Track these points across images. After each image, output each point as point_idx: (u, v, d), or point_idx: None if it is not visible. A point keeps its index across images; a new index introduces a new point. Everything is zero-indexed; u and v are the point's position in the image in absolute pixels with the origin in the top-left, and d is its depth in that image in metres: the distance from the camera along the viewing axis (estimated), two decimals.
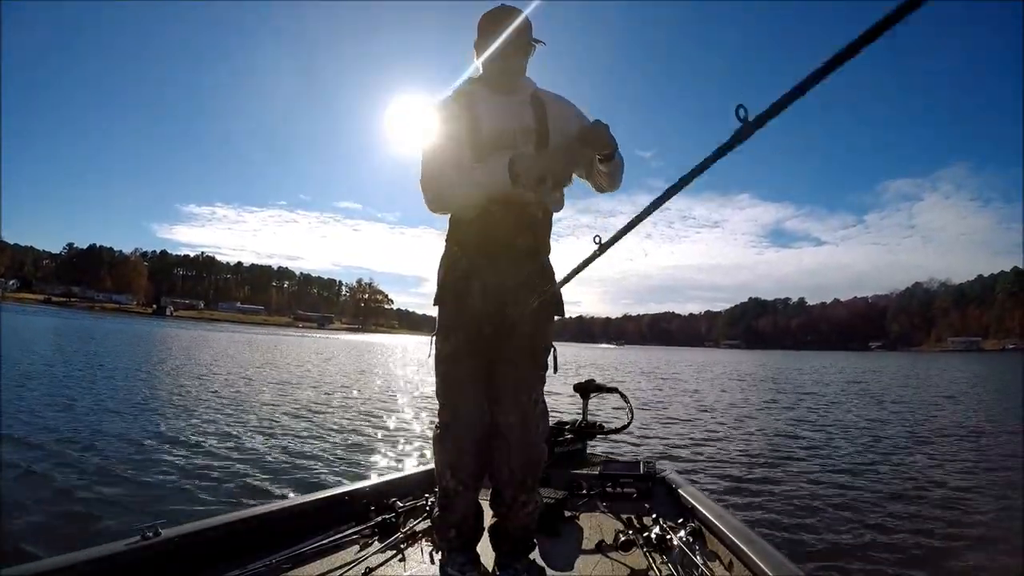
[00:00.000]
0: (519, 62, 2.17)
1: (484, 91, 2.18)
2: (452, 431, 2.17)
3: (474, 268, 2.16)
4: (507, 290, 2.15)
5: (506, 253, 2.15)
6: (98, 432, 7.59)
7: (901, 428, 11.56)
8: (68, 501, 4.88)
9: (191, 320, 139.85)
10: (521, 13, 2.11)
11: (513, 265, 2.17)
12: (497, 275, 2.15)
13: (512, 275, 2.16)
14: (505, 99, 2.17)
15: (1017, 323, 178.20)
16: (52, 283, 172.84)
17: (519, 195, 2.07)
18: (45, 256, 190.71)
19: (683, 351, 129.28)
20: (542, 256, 2.27)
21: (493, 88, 2.19)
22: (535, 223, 2.20)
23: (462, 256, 2.18)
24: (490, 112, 2.15)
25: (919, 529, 5.12)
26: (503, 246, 2.12)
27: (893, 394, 20.35)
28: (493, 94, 2.18)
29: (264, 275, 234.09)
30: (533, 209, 2.17)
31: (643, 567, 2.24)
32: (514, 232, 2.12)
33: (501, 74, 2.16)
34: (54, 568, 1.79)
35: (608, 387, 3.99)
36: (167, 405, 10.08)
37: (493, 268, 2.15)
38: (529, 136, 2.15)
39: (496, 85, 2.18)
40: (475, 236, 2.15)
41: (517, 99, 2.19)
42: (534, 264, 2.23)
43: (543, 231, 2.25)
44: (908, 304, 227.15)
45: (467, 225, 2.16)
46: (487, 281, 2.15)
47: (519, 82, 2.20)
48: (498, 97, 2.18)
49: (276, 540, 2.29)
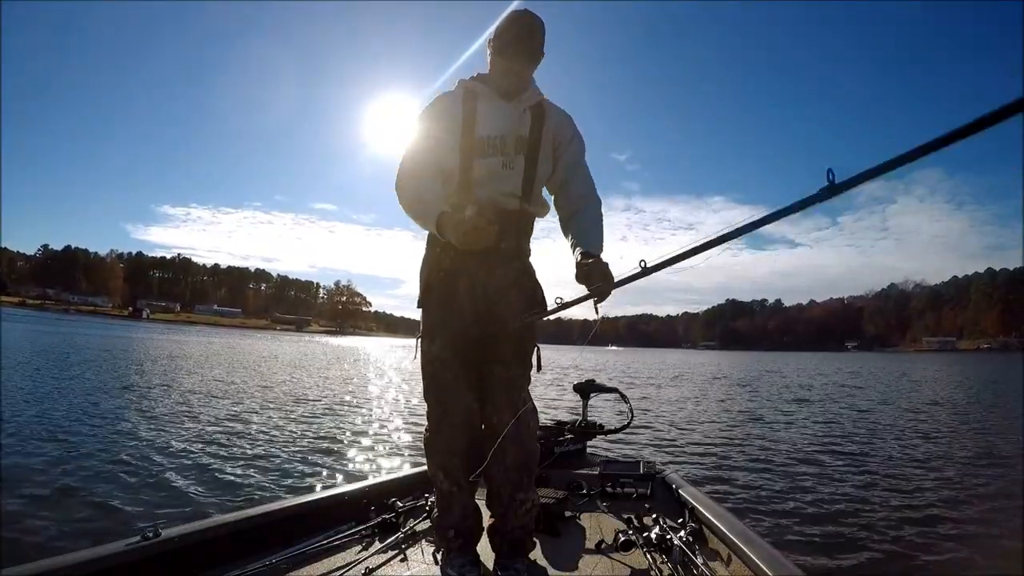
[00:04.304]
0: (528, 70, 2.18)
1: (488, 91, 2.18)
2: (442, 433, 2.17)
3: (460, 267, 2.16)
4: (495, 289, 2.17)
5: (491, 254, 2.15)
6: (98, 434, 7.54)
7: (896, 427, 11.70)
8: (68, 501, 4.86)
9: (167, 323, 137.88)
10: (540, 23, 2.13)
11: (500, 265, 2.19)
12: (485, 274, 2.17)
13: (500, 275, 2.18)
14: (506, 104, 2.17)
15: (992, 324, 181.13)
16: (27, 285, 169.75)
17: (504, 201, 2.14)
18: (19, 258, 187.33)
19: (662, 352, 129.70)
20: (524, 258, 2.29)
21: (497, 90, 2.18)
22: (519, 228, 2.23)
23: (445, 256, 2.18)
24: (488, 114, 2.15)
25: (919, 528, 5.16)
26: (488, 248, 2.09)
27: (882, 393, 20.62)
28: (496, 96, 2.18)
29: (241, 277, 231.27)
30: (518, 215, 2.20)
31: (643, 567, 2.24)
32: (499, 235, 2.10)
33: (507, 78, 2.16)
34: (54, 568, 1.77)
35: (608, 387, 4.00)
36: (164, 411, 9.95)
37: (480, 267, 2.16)
38: (521, 145, 2.16)
39: (501, 88, 2.18)
40: None
41: (519, 106, 2.18)
42: (520, 264, 2.26)
43: (525, 235, 2.28)
44: (884, 305, 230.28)
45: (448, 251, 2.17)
46: (475, 281, 2.16)
47: (524, 89, 2.20)
48: (500, 101, 2.17)
49: (276, 540, 2.29)
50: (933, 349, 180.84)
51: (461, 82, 2.23)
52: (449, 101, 2.19)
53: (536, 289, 2.26)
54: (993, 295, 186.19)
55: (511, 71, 2.14)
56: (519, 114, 2.18)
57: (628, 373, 30.92)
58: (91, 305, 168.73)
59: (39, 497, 4.91)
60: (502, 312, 2.17)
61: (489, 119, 2.15)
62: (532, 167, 2.18)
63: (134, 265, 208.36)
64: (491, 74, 2.21)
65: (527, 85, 2.21)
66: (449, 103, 2.18)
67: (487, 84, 2.20)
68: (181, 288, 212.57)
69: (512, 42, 2.10)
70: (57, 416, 8.64)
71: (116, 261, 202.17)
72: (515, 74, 2.15)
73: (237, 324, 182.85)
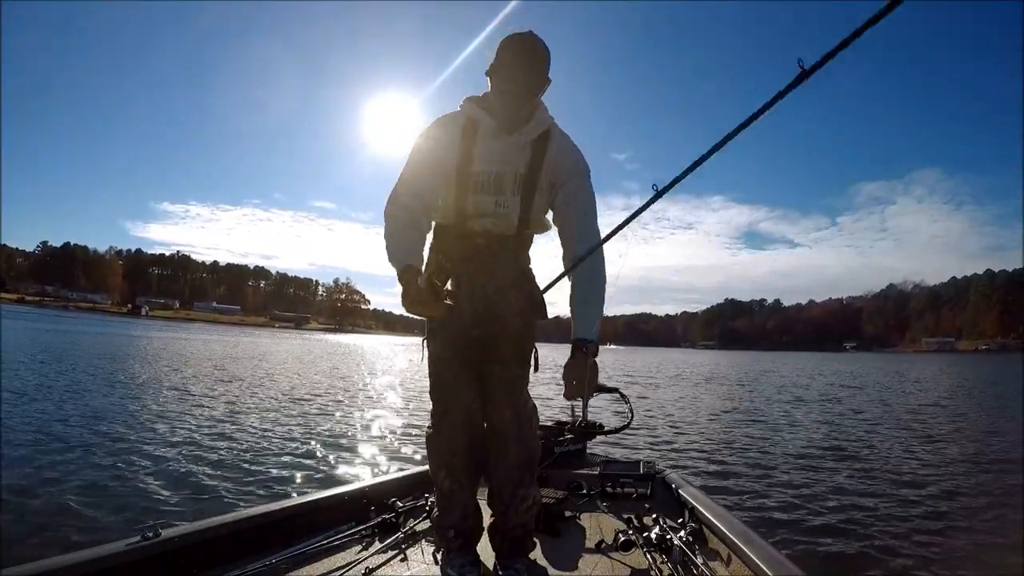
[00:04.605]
0: (529, 96, 2.09)
1: (489, 123, 2.11)
2: (443, 430, 2.19)
3: (460, 270, 2.18)
4: (495, 290, 2.19)
5: (490, 258, 2.18)
6: (97, 434, 7.51)
7: (895, 428, 11.73)
8: (68, 501, 4.84)
9: (166, 320, 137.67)
10: (542, 46, 2.05)
11: (499, 268, 2.20)
12: (484, 276, 2.18)
13: (499, 276, 2.20)
14: (507, 138, 2.11)
15: (991, 325, 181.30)
16: (26, 282, 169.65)
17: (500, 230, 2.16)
18: (18, 254, 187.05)
19: (661, 352, 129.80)
20: (523, 264, 2.31)
21: (500, 120, 2.10)
22: (516, 244, 2.24)
23: (445, 259, 2.19)
24: (487, 149, 2.12)
25: (918, 528, 5.17)
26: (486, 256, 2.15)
27: (882, 394, 20.65)
28: (498, 129, 2.11)
29: (240, 274, 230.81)
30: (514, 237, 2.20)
31: (643, 567, 2.25)
32: (498, 245, 2.15)
33: (507, 106, 2.08)
34: (54, 568, 1.76)
35: (608, 387, 3.99)
36: (164, 410, 9.92)
37: (479, 270, 2.18)
38: (518, 184, 2.13)
39: (503, 117, 2.10)
40: (459, 248, 2.18)
41: (521, 139, 2.12)
42: (518, 267, 2.27)
43: (523, 248, 2.30)
44: (883, 305, 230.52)
45: (451, 237, 2.19)
46: (474, 282, 2.18)
47: (528, 119, 2.12)
48: (501, 134, 2.11)
49: (276, 540, 2.29)
50: (932, 350, 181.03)
51: (465, 106, 2.15)
52: (450, 128, 2.13)
53: (535, 291, 2.28)
54: (992, 296, 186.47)
55: (508, 93, 2.06)
56: (519, 148, 2.12)
57: (627, 372, 30.92)
58: (90, 302, 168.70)
59: (39, 497, 4.89)
60: (501, 312, 2.18)
61: (487, 154, 2.11)
62: (528, 206, 2.15)
63: (133, 262, 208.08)
64: (493, 103, 2.12)
65: (532, 113, 2.13)
66: (449, 130, 2.12)
67: (491, 113, 2.11)
68: (180, 285, 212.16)
69: (509, 64, 2.03)
70: (57, 415, 8.62)
71: (115, 258, 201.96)
72: (514, 99, 2.07)
73: (236, 321, 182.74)
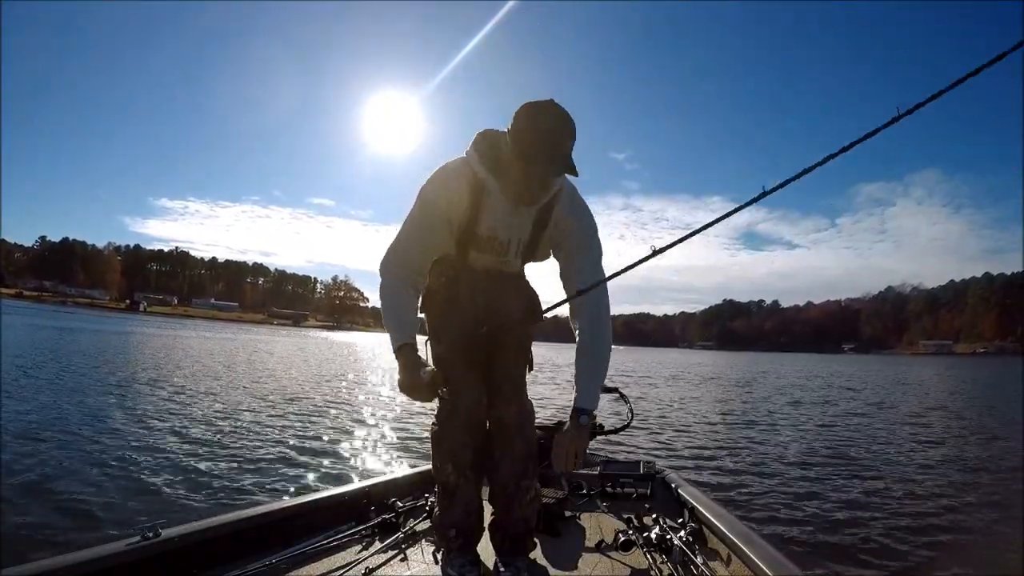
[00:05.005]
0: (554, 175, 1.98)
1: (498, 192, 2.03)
2: (451, 425, 2.20)
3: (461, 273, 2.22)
4: (496, 291, 2.26)
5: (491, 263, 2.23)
6: (97, 434, 7.47)
7: (894, 429, 11.76)
8: (68, 501, 4.83)
9: (165, 316, 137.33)
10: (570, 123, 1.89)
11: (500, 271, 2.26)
12: (485, 278, 2.24)
13: (500, 278, 2.27)
14: (516, 208, 2.06)
15: (988, 328, 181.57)
16: (25, 277, 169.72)
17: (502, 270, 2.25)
18: (17, 249, 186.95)
19: (659, 352, 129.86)
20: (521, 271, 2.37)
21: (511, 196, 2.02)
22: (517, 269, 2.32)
23: (447, 263, 2.23)
24: (492, 217, 2.09)
25: (918, 528, 5.18)
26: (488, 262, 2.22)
27: (882, 396, 20.69)
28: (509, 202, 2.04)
29: (239, 271, 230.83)
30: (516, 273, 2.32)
31: (643, 567, 2.25)
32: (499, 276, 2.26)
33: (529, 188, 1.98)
34: (54, 568, 1.76)
35: (608, 387, 3.98)
36: (163, 409, 9.89)
37: (480, 272, 2.23)
38: (520, 248, 2.20)
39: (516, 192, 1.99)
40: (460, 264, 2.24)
41: (530, 209, 2.08)
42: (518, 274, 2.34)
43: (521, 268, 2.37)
44: (881, 307, 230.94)
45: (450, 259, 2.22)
46: (476, 284, 2.23)
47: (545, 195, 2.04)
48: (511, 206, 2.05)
49: (276, 540, 2.28)
50: (929, 352, 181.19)
51: (473, 162, 2.03)
52: (456, 188, 2.04)
53: (534, 295, 2.37)
54: (990, 299, 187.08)
55: (534, 178, 1.95)
56: (524, 218, 2.11)
57: (626, 372, 30.92)
58: (88, 298, 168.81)
59: (39, 497, 4.88)
60: (503, 312, 2.23)
61: (493, 221, 2.10)
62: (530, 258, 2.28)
63: (132, 258, 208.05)
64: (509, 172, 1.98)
65: (549, 190, 2.03)
66: (455, 191, 2.05)
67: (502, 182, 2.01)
68: (179, 281, 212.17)
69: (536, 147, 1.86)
70: (56, 415, 8.57)
71: (114, 254, 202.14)
72: (540, 188, 1.99)
73: (234, 318, 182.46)
